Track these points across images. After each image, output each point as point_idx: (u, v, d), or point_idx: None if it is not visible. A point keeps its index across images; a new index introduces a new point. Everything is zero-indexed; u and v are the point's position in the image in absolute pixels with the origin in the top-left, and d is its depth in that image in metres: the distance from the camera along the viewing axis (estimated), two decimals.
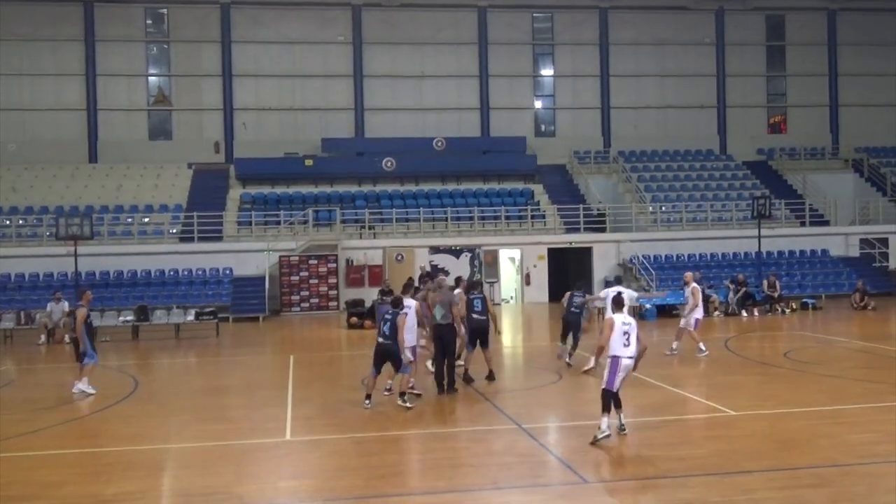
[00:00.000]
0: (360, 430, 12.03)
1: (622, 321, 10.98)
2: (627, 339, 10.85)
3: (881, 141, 43.15)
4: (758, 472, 9.40)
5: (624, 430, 11.06)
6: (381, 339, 13.31)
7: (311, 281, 31.95)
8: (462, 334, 15.38)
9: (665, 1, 42.38)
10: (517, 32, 42.30)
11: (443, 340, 14.60)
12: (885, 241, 36.13)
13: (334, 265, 32.23)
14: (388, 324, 13.24)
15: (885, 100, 43.96)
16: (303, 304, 31.81)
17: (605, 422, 10.71)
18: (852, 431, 11.34)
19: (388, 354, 13.27)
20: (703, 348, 18.16)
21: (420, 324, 14.87)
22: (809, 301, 29.63)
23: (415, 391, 13.83)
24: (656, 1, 42.38)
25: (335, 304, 31.84)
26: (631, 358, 10.89)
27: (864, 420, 12.05)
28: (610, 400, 10.84)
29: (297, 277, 31.90)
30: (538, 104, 43.38)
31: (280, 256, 32.11)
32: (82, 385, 15.04)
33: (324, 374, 18.06)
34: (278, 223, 34.47)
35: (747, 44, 43.68)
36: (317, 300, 31.93)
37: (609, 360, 10.91)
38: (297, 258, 32.04)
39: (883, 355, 18.25)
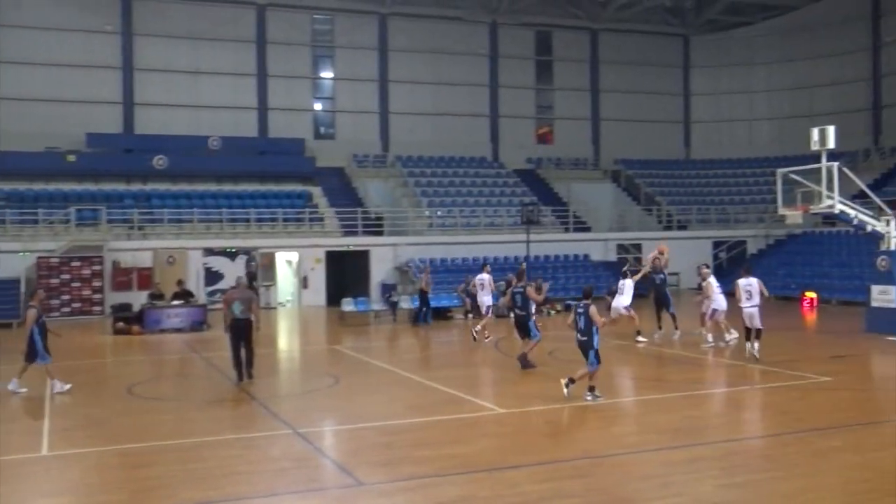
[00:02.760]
0: (126, 440, 11.47)
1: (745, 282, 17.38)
2: (749, 296, 17.10)
3: (636, 154, 46.51)
4: (524, 467, 9.85)
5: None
6: (578, 336, 13.38)
7: (74, 284, 30.06)
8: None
9: (442, 11, 43.49)
10: (297, 33, 41.91)
11: (240, 334, 15.70)
12: (638, 247, 39.04)
13: (99, 267, 30.51)
14: (583, 318, 13.30)
15: (639, 116, 47.45)
16: (63, 309, 29.80)
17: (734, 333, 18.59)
18: (610, 424, 12.17)
19: (582, 348, 13.42)
20: None
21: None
22: (572, 303, 31.33)
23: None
24: (434, 10, 43.40)
25: (100, 308, 30.15)
26: (753, 307, 17.01)
27: (621, 413, 12.96)
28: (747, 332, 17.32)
29: (57, 280, 29.88)
30: (317, 106, 43.18)
31: (38, 258, 29.95)
32: (13, 385, 14.98)
33: (86, 383, 16.98)
34: (36, 222, 32.15)
35: (518, 57, 45.67)
36: (79, 304, 30.09)
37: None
38: (57, 260, 30.01)
39: (637, 352, 19.68)
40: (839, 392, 14.48)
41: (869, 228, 22.24)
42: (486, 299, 22.30)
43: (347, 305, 27.64)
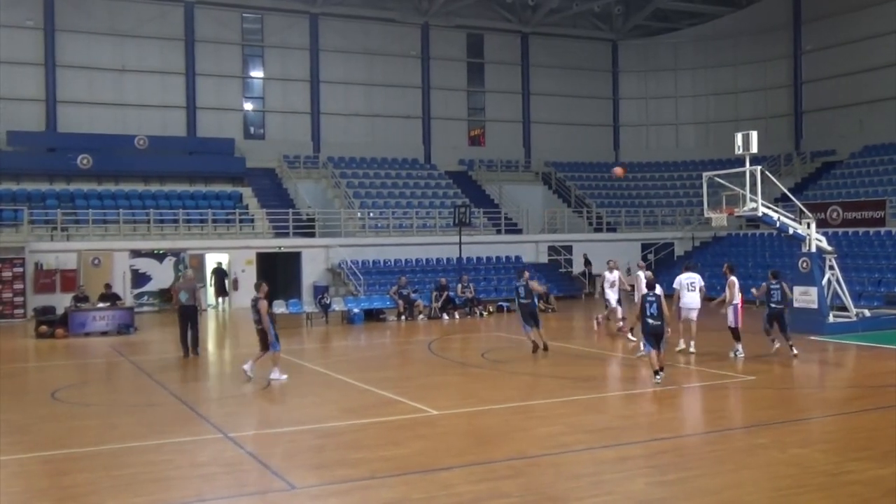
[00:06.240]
0: (50, 447, 11.16)
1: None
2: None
3: (567, 157, 47.06)
4: (458, 468, 9.87)
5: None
6: (651, 321, 14.99)
7: None
8: None
9: (374, 12, 43.32)
10: (226, 31, 41.28)
11: (186, 317, 19.45)
12: (569, 249, 39.48)
13: (21, 269, 29.62)
14: (655, 305, 14.98)
15: (570, 119, 47.99)
16: None
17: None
18: (542, 424, 12.27)
19: (660, 334, 15.12)
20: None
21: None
22: (504, 304, 31.57)
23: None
24: (365, 11, 43.21)
25: (21, 311, 29.28)
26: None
27: (553, 413, 13.08)
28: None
29: None
30: (248, 106, 42.60)
31: None
32: (276, 374, 16.03)
33: (7, 389, 16.48)
34: None
35: (450, 59, 45.76)
36: (0, 307, 29.17)
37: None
38: None
39: (567, 353, 19.91)
40: (763, 391, 14.87)
41: (791, 231, 22.90)
42: (613, 296, 22.94)
43: (279, 307, 27.33)
